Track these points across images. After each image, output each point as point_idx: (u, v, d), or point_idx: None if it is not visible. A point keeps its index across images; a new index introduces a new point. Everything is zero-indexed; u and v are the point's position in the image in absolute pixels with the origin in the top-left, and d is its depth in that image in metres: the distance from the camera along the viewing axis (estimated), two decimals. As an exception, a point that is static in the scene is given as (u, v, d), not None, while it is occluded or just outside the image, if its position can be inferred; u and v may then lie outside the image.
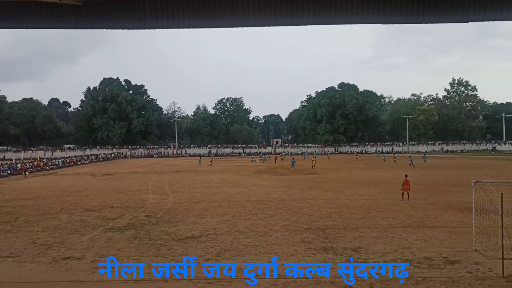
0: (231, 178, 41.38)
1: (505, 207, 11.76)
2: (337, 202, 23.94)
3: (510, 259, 10.95)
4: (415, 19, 12.19)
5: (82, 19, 11.19)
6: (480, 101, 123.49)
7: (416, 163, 55.51)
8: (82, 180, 43.27)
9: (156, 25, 11.78)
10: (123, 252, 13.84)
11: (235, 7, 11.40)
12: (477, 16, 11.99)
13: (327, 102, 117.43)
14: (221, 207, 23.01)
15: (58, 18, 11.12)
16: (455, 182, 33.70)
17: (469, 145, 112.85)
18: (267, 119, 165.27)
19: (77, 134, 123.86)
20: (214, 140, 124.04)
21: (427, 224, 17.63)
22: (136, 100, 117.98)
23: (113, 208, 23.16)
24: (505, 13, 11.73)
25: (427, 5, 11.67)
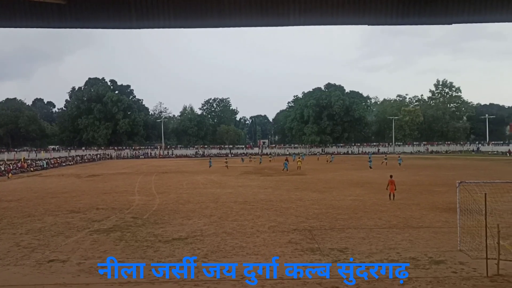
0: (218, 179, 41.27)
1: (488, 207, 11.92)
2: (324, 203, 24.03)
3: (494, 259, 11.08)
4: (400, 21, 12.26)
5: (66, 18, 11.04)
6: (464, 102, 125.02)
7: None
8: (67, 181, 42.79)
9: (141, 24, 11.67)
10: (109, 254, 13.70)
11: (222, 7, 11.36)
12: (461, 18, 12.12)
13: (313, 103, 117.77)
14: (208, 208, 22.94)
15: (41, 17, 10.95)
16: (440, 183, 34.07)
17: (454, 146, 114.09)
18: (254, 119, 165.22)
19: (62, 134, 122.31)
20: (201, 141, 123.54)
21: (413, 225, 17.79)
22: (122, 101, 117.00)
23: (98, 210, 22.94)
24: (488, 15, 11.87)
25: (412, 7, 11.75)
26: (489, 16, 12.06)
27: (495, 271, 11.00)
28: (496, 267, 11.04)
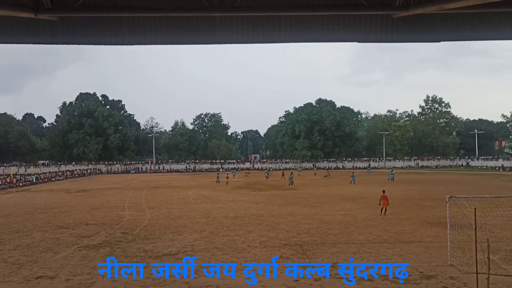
0: (209, 194, 41.12)
1: (478, 221, 11.99)
2: (315, 218, 24.01)
3: (484, 273, 11.12)
4: (390, 38, 12.52)
5: (58, 34, 11.12)
6: (453, 118, 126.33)
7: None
8: (56, 196, 42.38)
9: (133, 41, 11.79)
10: (98, 271, 13.54)
11: (213, 25, 11.50)
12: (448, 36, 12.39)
13: (305, 118, 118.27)
14: (199, 223, 22.82)
15: (33, 33, 11.02)
16: (430, 197, 34.22)
17: (444, 161, 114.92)
18: (246, 134, 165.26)
19: (52, 149, 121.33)
20: (192, 156, 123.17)
21: (404, 239, 17.82)
22: (113, 115, 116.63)
23: (88, 225, 22.72)
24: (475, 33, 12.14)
25: (401, 25, 12.00)
26: (476, 34, 12.37)
27: (485, 286, 11.03)
28: (487, 281, 11.07)
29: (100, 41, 11.87)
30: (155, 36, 11.66)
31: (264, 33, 11.91)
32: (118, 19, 11.25)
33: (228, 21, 11.57)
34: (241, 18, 11.56)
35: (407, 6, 11.15)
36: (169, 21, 11.51)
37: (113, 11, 10.87)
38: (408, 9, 11.12)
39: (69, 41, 11.64)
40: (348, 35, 12.45)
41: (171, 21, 11.51)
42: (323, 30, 12.06)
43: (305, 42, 12.40)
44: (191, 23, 11.58)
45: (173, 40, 12.15)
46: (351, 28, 12.14)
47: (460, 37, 12.77)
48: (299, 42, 12.82)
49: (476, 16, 11.91)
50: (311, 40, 12.82)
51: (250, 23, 11.67)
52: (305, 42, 12.18)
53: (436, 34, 12.17)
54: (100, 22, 11.21)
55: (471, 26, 11.91)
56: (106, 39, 11.70)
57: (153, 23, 11.43)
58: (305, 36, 12.31)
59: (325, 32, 12.10)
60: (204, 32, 11.65)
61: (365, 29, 12.10)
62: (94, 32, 11.27)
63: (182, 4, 10.96)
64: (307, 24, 12.01)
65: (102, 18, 11.15)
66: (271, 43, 12.48)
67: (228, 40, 12.16)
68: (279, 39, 12.33)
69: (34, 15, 10.17)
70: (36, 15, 10.19)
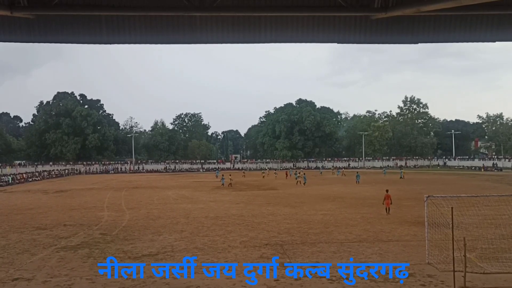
0: (189, 194, 40.93)
1: (455, 220, 12.21)
2: (295, 218, 24.12)
3: (460, 271, 11.32)
4: (369, 40, 12.67)
5: (35, 32, 10.92)
6: (431, 118, 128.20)
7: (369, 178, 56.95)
8: (33, 197, 41.58)
9: (112, 40, 11.66)
10: (76, 272, 13.36)
11: (193, 25, 11.46)
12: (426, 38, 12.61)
13: (285, 118, 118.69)
14: (179, 223, 22.70)
15: (9, 31, 10.81)
16: (409, 197, 34.70)
17: (422, 161, 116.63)
18: (226, 134, 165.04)
19: (29, 149, 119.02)
20: (172, 156, 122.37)
21: (382, 238, 18.04)
22: (92, 115, 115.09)
23: (66, 226, 22.37)
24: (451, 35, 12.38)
25: (380, 27, 12.16)
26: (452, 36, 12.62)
27: (462, 283, 11.24)
28: (463, 279, 11.28)
29: (78, 40, 11.72)
30: (135, 36, 11.56)
31: (244, 33, 11.93)
32: (97, 17, 11.11)
33: (209, 21, 11.55)
34: (221, 18, 11.55)
35: (385, 8, 11.31)
36: (149, 20, 11.42)
37: (91, 10, 10.74)
38: (387, 11, 11.28)
39: (46, 40, 11.46)
40: (328, 36, 12.56)
41: (150, 20, 11.43)
42: (303, 30, 12.15)
43: (285, 43, 12.46)
44: (171, 23, 11.52)
45: (153, 40, 12.07)
46: (330, 29, 12.25)
47: (437, 39, 13.03)
48: (280, 42, 12.90)
49: (453, 18, 12.16)
50: (291, 40, 12.90)
51: (230, 23, 11.67)
52: (286, 43, 12.24)
53: (414, 36, 12.39)
54: (78, 21, 11.05)
55: (448, 28, 12.15)
56: (84, 38, 11.55)
57: (133, 22, 11.33)
58: (285, 37, 12.38)
59: (305, 32, 12.19)
60: (184, 32, 11.60)
61: (345, 30, 12.23)
62: (72, 30, 11.11)
63: (162, 3, 10.89)
64: (287, 24, 12.07)
65: (80, 16, 10.99)
66: (251, 43, 12.51)
67: (208, 40, 12.14)
68: (259, 39, 12.36)
69: (10, 13, 9.97)
70: (12, 13, 9.99)
